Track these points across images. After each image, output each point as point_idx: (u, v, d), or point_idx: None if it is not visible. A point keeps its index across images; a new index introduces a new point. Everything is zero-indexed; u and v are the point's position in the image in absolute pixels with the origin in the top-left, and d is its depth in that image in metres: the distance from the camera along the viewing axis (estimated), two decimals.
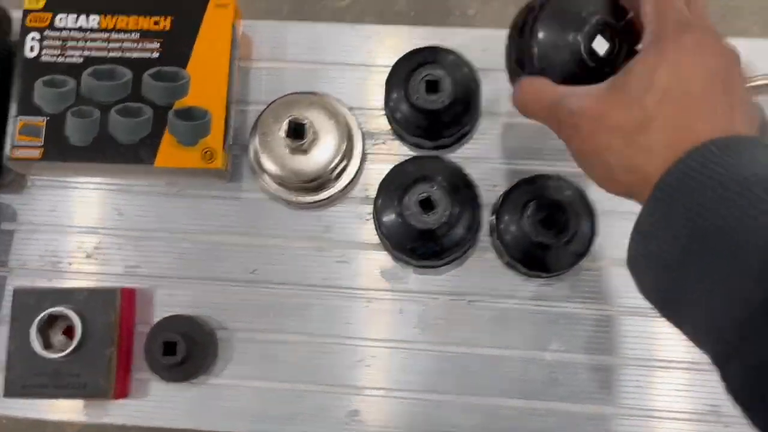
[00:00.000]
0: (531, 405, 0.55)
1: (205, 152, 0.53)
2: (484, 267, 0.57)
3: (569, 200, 0.53)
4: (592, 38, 0.41)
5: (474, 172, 0.56)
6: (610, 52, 0.41)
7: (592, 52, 0.41)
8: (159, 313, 0.57)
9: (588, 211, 0.54)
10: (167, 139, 0.53)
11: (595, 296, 0.56)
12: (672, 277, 0.33)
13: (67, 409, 0.56)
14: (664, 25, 0.38)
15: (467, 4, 1.28)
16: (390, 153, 0.59)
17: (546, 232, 0.53)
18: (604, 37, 0.41)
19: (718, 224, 0.31)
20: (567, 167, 0.56)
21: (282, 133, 0.53)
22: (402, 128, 0.57)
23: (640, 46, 0.39)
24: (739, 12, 1.24)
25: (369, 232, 0.57)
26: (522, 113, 0.43)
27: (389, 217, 0.54)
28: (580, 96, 0.39)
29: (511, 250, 0.54)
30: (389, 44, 0.60)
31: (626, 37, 0.41)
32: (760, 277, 0.29)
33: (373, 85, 0.59)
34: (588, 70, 0.41)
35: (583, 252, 0.54)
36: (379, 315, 0.57)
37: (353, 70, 0.60)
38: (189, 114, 0.53)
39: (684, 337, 0.36)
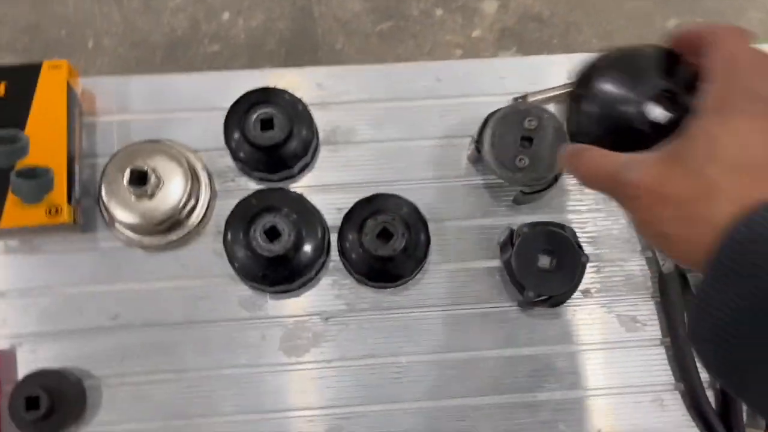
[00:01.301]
0: (391, 408, 0.59)
1: (51, 208, 0.55)
2: (336, 285, 0.61)
3: (402, 214, 0.59)
4: (653, 106, 0.40)
5: (318, 199, 0.61)
6: (671, 119, 0.39)
7: (652, 121, 0.39)
8: (23, 372, 0.57)
9: (422, 221, 0.59)
10: (11, 199, 0.55)
11: (439, 299, 0.61)
12: (734, 351, 0.32)
13: None
14: (731, 82, 0.36)
15: (334, 39, 1.35)
16: (238, 189, 0.62)
17: (384, 245, 0.58)
18: (665, 105, 0.39)
19: None
20: (404, 187, 0.61)
21: (125, 182, 0.56)
22: (245, 165, 0.60)
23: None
24: (579, 27, 1.37)
25: (224, 266, 0.60)
26: (583, 185, 0.42)
27: (239, 250, 0.57)
28: (639, 166, 0.37)
29: (356, 266, 0.59)
30: (228, 88, 0.64)
31: (689, 99, 0.38)
32: None
33: (216, 127, 0.63)
34: (646, 137, 0.39)
35: (421, 258, 0.59)
36: (244, 343, 0.60)
37: (196, 114, 0.63)
38: (31, 173, 0.55)
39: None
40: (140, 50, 1.31)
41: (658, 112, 0.39)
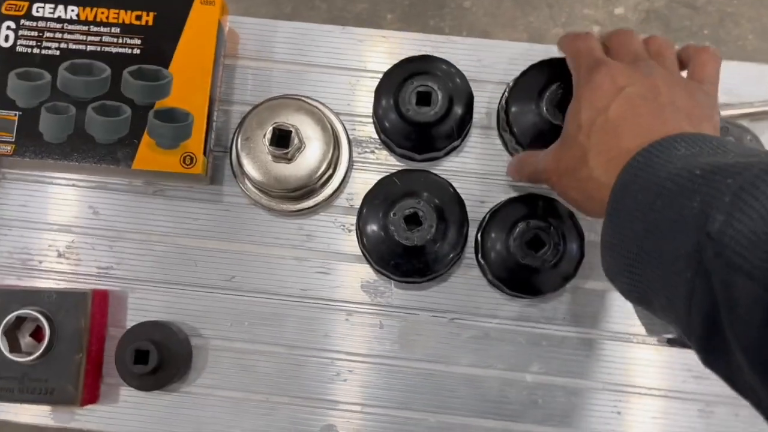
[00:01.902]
0: (507, 427, 0.54)
1: (185, 157, 0.51)
2: (467, 285, 0.55)
3: (558, 222, 0.52)
4: (550, 106, 0.52)
5: (462, 187, 0.55)
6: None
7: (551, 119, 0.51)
8: (132, 318, 0.55)
9: (577, 233, 0.53)
10: (146, 140, 0.51)
11: (578, 319, 0.55)
12: (636, 274, 0.37)
13: (33, 412, 0.55)
14: (578, 71, 0.46)
15: None
16: (377, 162, 0.57)
17: (533, 255, 0.52)
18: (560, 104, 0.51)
19: (652, 219, 0.36)
20: None
21: (266, 140, 0.51)
22: (390, 139, 0.55)
23: None
24: (735, 19, 1.23)
25: (351, 244, 0.56)
26: (515, 179, 0.54)
27: (373, 231, 0.52)
28: (546, 156, 0.47)
29: (495, 269, 0.53)
30: (381, 49, 0.58)
31: None
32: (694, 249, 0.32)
33: (362, 91, 0.57)
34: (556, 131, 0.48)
35: (569, 275, 0.53)
36: (359, 329, 0.55)
37: (342, 74, 0.58)
38: (170, 116, 0.51)
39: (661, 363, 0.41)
40: (268, 6, 1.26)
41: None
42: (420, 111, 0.53)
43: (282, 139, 0.51)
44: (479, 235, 0.54)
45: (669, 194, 0.35)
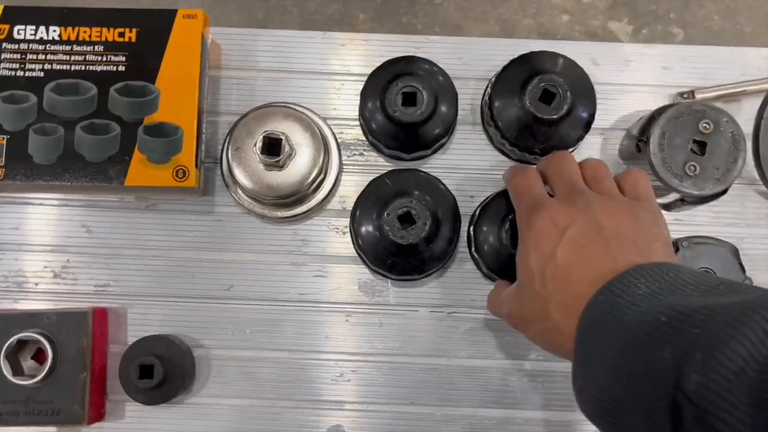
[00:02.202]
0: (511, 414, 0.56)
1: (178, 170, 0.52)
2: (462, 278, 0.57)
3: None
4: (533, 99, 0.52)
5: (451, 183, 0.56)
6: None
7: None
8: (132, 333, 0.55)
9: None
10: (137, 156, 0.52)
11: None
12: (612, 419, 0.37)
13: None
14: (519, 212, 0.47)
15: None
16: (367, 164, 0.58)
17: None
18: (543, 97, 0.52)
19: (623, 368, 0.36)
20: None
21: (256, 149, 0.51)
22: (378, 140, 0.56)
23: None
24: (700, 1, 1.26)
25: (346, 246, 0.56)
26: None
27: (368, 232, 0.53)
28: (507, 301, 0.47)
29: (488, 262, 0.54)
30: (363, 52, 0.59)
31: None
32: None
33: (347, 95, 0.58)
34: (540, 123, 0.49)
35: None
36: (359, 329, 0.56)
37: (326, 78, 0.59)
38: (160, 130, 0.52)
39: None
40: (238, 13, 1.25)
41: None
42: (407, 111, 0.53)
43: (272, 147, 0.52)
44: (471, 229, 0.55)
45: (637, 343, 0.35)
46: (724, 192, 0.53)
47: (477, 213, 0.55)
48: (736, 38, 1.23)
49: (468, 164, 0.58)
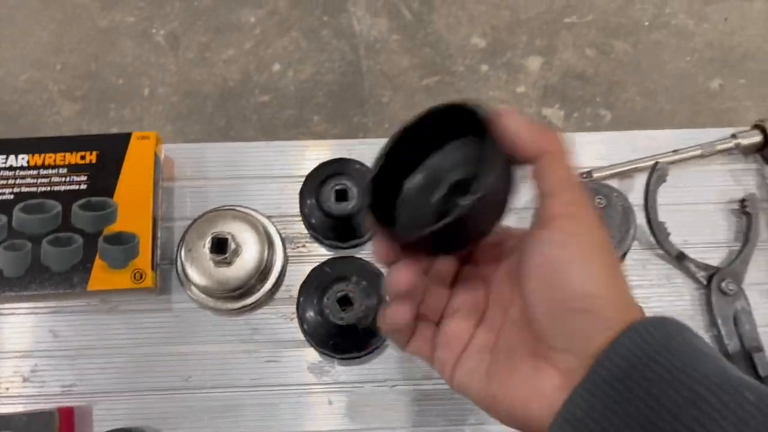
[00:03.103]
0: None
1: (135, 273, 0.57)
2: (400, 356, 0.62)
3: None
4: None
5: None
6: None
7: None
8: (99, 428, 0.59)
9: None
10: (98, 263, 0.57)
11: None
12: None
13: None
14: None
15: (381, 93, 1.38)
16: (309, 255, 0.64)
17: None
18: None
19: None
20: None
21: (206, 249, 0.58)
22: (317, 232, 0.62)
23: None
24: (622, 85, 1.39)
25: (295, 331, 0.62)
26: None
27: (311, 316, 0.59)
28: (470, 382, 0.39)
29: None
30: (302, 157, 0.66)
31: None
32: None
33: (289, 194, 0.65)
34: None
35: None
36: (310, 408, 0.61)
37: (271, 181, 0.66)
38: (118, 239, 0.58)
39: None
40: (193, 99, 1.36)
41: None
42: (339, 206, 0.60)
43: (220, 245, 0.58)
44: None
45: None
46: (623, 258, 0.60)
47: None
48: (657, 116, 1.35)
49: None
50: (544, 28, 1.37)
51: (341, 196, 0.61)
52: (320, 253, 0.64)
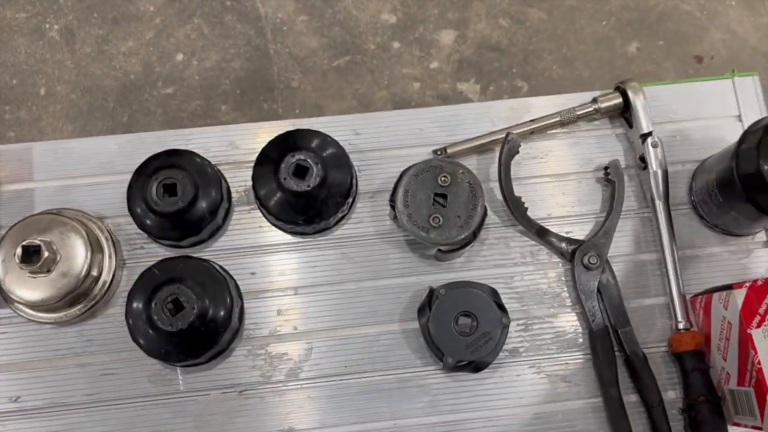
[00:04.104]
0: None
1: None
2: (251, 355, 0.58)
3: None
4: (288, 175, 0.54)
5: (231, 263, 0.58)
6: None
7: None
8: None
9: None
10: None
11: (360, 365, 0.58)
12: None
13: None
14: None
15: (291, 77, 1.33)
16: (148, 256, 0.60)
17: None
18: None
19: None
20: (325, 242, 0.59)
21: (16, 259, 0.53)
22: (150, 232, 0.58)
23: None
24: (538, 54, 1.34)
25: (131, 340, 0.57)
26: None
27: (141, 323, 0.54)
28: None
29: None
30: (137, 151, 0.61)
31: None
32: None
33: (122, 192, 0.60)
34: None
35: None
36: (154, 420, 0.56)
37: (104, 180, 0.61)
38: None
39: None
40: (93, 95, 1.29)
41: None
42: (168, 201, 0.56)
43: (34, 254, 0.53)
44: None
45: None
46: (474, 237, 0.57)
47: None
48: (575, 83, 1.31)
49: (247, 242, 0.60)
50: (455, 0, 1.33)
51: (170, 190, 0.56)
52: (160, 253, 0.60)
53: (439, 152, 0.61)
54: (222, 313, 0.55)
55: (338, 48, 1.34)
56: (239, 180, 0.61)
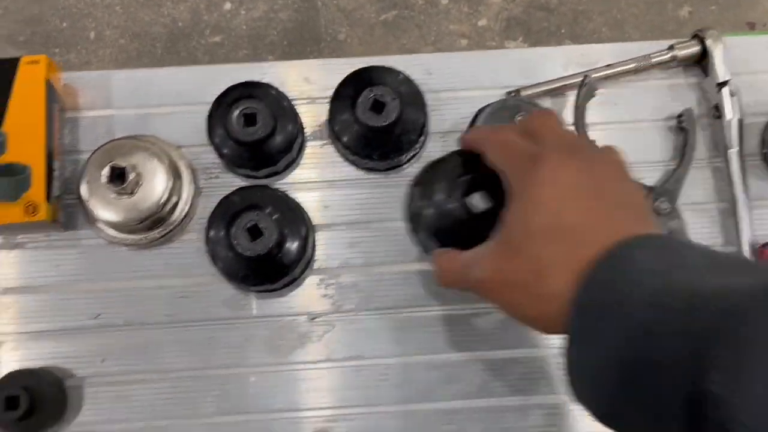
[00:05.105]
0: (381, 410, 0.58)
1: (28, 206, 0.54)
2: (321, 284, 0.59)
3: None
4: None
5: (303, 196, 0.59)
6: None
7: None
8: (3, 371, 0.57)
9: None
10: None
11: (428, 299, 0.59)
12: (614, 410, 0.34)
13: None
14: (512, 169, 0.42)
15: (338, 30, 1.33)
16: (224, 185, 0.61)
17: None
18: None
19: (631, 357, 0.32)
20: (393, 181, 0.60)
21: (104, 180, 0.54)
22: (229, 161, 0.59)
23: None
24: (588, 15, 1.33)
25: (209, 265, 0.59)
26: (441, 287, 0.48)
27: (221, 249, 0.56)
28: (479, 263, 0.41)
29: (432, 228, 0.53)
30: (213, 82, 0.62)
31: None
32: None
33: (200, 123, 0.61)
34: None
35: None
36: (227, 343, 0.58)
37: (181, 110, 0.62)
38: (8, 170, 0.54)
39: None
40: (141, 41, 1.31)
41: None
42: (248, 131, 0.57)
43: (119, 176, 0.55)
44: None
45: (646, 330, 0.31)
46: None
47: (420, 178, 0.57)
48: None
49: (320, 176, 0.61)
50: None
51: (249, 120, 0.57)
52: (234, 183, 0.61)
53: (512, 93, 0.61)
54: (298, 241, 0.57)
55: (386, 1, 1.34)
56: (312, 115, 0.62)
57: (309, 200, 0.60)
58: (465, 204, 0.47)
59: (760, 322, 0.27)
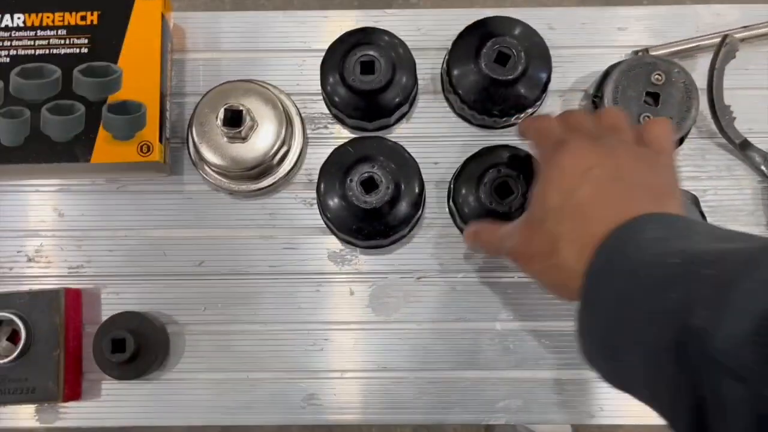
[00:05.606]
0: (483, 375, 0.56)
1: (142, 146, 0.53)
2: (429, 243, 0.57)
3: (519, 166, 0.54)
4: (489, 62, 0.53)
5: (415, 149, 0.57)
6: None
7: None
8: (107, 313, 0.56)
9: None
10: (102, 134, 0.53)
11: None
12: (616, 362, 0.38)
13: (17, 415, 0.55)
14: (542, 152, 0.47)
15: None
16: (332, 137, 0.59)
17: (501, 202, 0.53)
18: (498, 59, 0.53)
19: (630, 309, 0.36)
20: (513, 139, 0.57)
21: (219, 122, 0.53)
22: (341, 111, 0.57)
23: None
24: None
25: (314, 217, 0.57)
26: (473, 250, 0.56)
27: (333, 200, 0.54)
28: (510, 236, 0.46)
29: (466, 218, 0.54)
30: (323, 29, 0.60)
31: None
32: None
33: (309, 70, 0.59)
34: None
35: None
36: (330, 298, 0.57)
37: (289, 56, 0.60)
38: (123, 108, 0.53)
39: None
40: None
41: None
42: (365, 80, 0.54)
43: (234, 119, 0.53)
44: (451, 184, 0.56)
45: (645, 284, 0.35)
46: (681, 141, 0.54)
47: (458, 170, 0.56)
48: None
49: (431, 131, 0.59)
50: None
51: (367, 68, 0.55)
52: (343, 135, 0.59)
53: (640, 53, 0.58)
54: (411, 197, 0.54)
55: None
56: (425, 66, 0.59)
57: (420, 155, 0.57)
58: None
59: (747, 271, 0.30)
